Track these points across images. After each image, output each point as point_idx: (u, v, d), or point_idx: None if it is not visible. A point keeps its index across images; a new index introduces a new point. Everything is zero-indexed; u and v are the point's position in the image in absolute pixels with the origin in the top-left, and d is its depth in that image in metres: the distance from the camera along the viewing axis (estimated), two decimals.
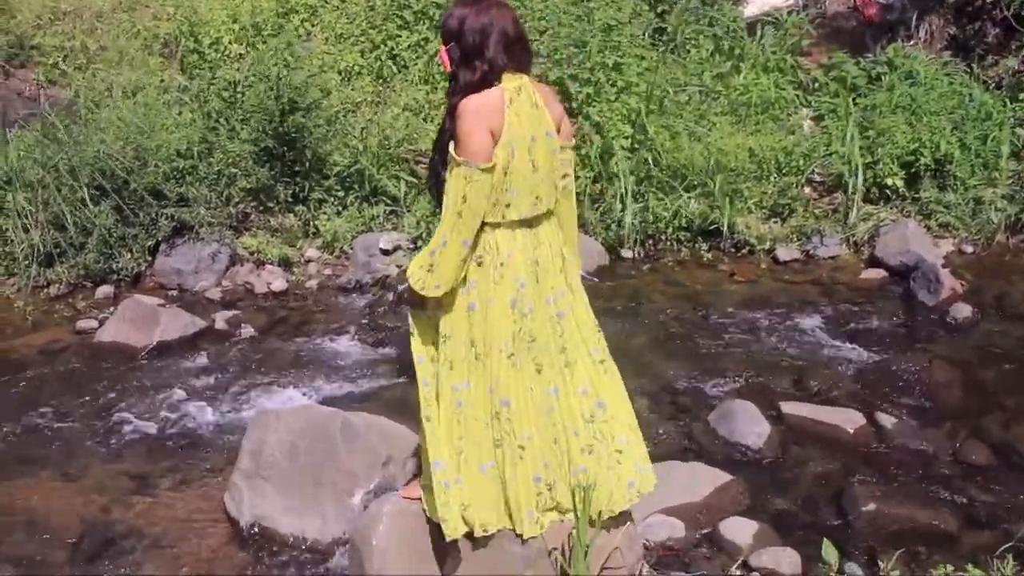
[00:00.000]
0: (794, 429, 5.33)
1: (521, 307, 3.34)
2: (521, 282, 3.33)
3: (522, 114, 3.21)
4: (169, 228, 7.58)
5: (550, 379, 3.44)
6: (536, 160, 3.26)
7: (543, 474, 3.48)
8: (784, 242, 7.87)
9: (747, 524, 4.42)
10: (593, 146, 7.98)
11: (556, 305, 3.44)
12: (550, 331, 3.43)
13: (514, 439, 3.40)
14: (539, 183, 3.29)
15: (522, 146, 3.21)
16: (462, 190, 3.13)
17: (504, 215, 3.27)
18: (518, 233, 3.32)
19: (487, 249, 3.31)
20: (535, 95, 3.28)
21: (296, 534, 4.42)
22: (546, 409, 3.45)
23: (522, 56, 3.26)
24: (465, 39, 3.18)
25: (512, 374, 3.36)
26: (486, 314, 3.32)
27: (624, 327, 6.68)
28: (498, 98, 3.17)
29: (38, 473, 5.08)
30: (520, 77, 3.25)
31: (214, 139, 7.85)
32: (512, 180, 3.22)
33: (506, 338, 3.33)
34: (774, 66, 9.14)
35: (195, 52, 9.17)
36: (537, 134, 3.25)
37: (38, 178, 7.39)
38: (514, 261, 3.32)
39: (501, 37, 3.17)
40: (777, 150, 8.16)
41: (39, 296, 7.30)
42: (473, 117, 3.13)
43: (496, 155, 3.15)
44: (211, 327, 6.82)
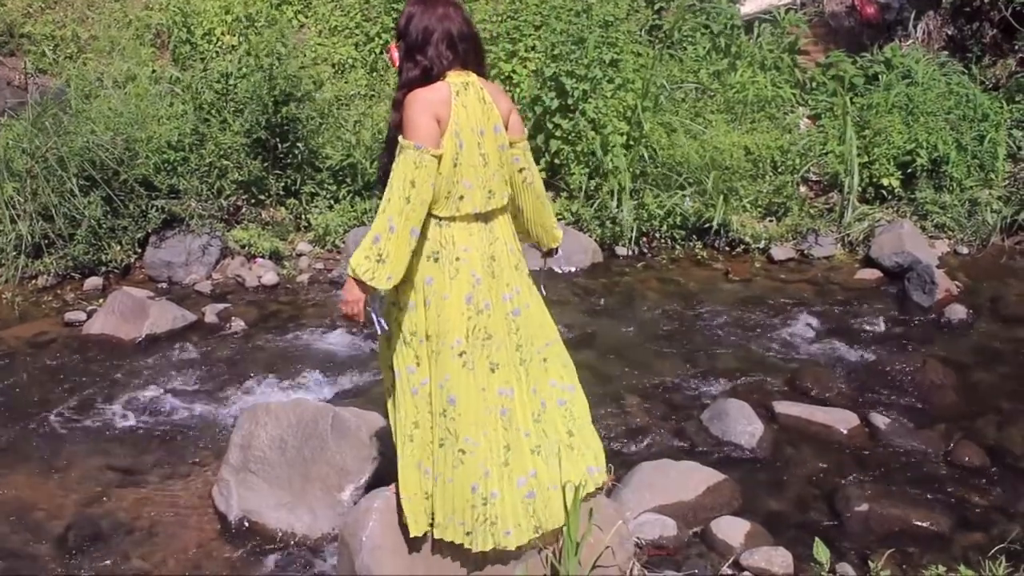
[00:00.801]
0: (787, 429, 5.31)
1: (477, 303, 3.35)
2: (477, 277, 3.34)
3: (469, 107, 3.26)
4: (159, 220, 7.54)
5: (505, 378, 3.45)
6: (487, 154, 3.30)
7: (481, 484, 3.44)
8: (779, 241, 7.88)
9: (739, 523, 4.39)
10: (589, 142, 7.94)
11: (512, 302, 3.47)
12: (506, 328, 3.45)
13: (456, 442, 3.40)
14: (491, 177, 3.34)
15: (470, 139, 3.25)
16: (411, 175, 3.14)
17: (459, 208, 3.30)
18: (474, 227, 3.35)
19: (443, 244, 3.32)
20: (483, 91, 3.33)
21: (285, 529, 4.38)
22: (499, 411, 3.44)
23: (469, 55, 3.33)
24: (410, 36, 3.28)
25: (461, 373, 3.37)
26: (440, 310, 3.32)
27: (617, 325, 6.66)
28: (445, 90, 3.23)
29: (24, 466, 5.03)
30: (468, 74, 3.32)
31: (206, 131, 7.80)
32: (463, 172, 3.26)
33: (459, 334, 3.34)
34: (771, 64, 9.14)
35: (187, 43, 9.13)
36: (486, 128, 3.30)
37: (27, 168, 7.32)
38: (470, 256, 3.33)
39: (444, 36, 3.25)
40: (773, 148, 8.15)
41: (27, 287, 7.24)
42: (421, 104, 3.18)
43: (444, 144, 3.20)
44: (201, 320, 6.77)
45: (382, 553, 3.71)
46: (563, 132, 8.07)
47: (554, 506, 3.60)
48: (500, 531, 3.48)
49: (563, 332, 6.40)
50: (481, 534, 3.47)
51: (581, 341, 6.41)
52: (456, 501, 3.45)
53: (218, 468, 4.70)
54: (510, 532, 3.50)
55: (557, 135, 8.09)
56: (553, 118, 8.07)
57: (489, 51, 9.05)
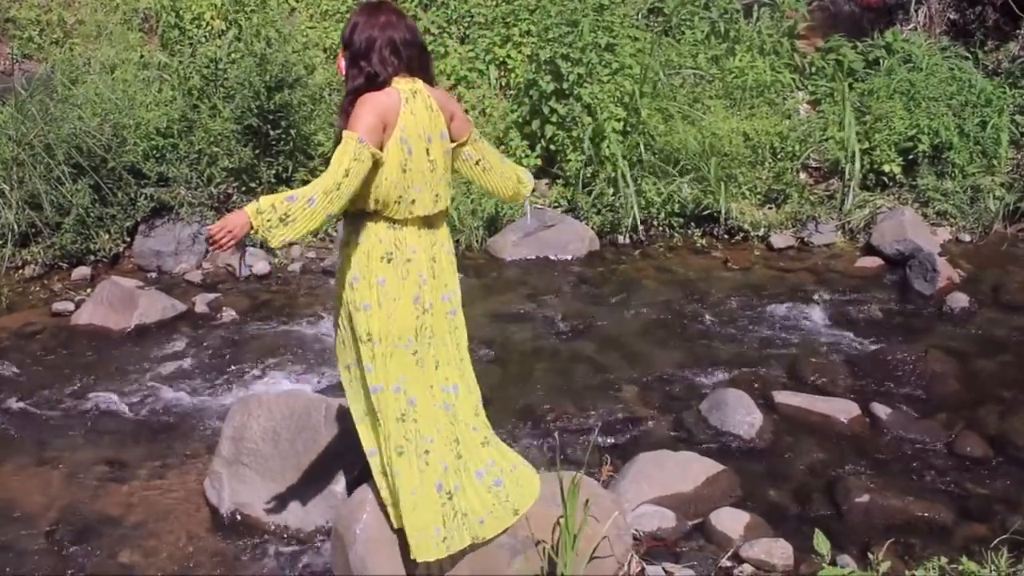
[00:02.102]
0: (787, 419, 5.26)
1: (423, 302, 3.45)
2: (423, 278, 3.45)
3: (417, 114, 3.33)
4: (148, 208, 7.45)
5: (447, 376, 3.56)
6: (435, 160, 3.40)
7: (443, 480, 3.49)
8: (779, 229, 7.83)
9: (738, 515, 4.35)
10: (583, 128, 7.86)
11: (451, 303, 3.59)
12: (446, 327, 3.57)
13: (420, 443, 3.46)
14: (437, 181, 3.43)
15: (419, 145, 3.34)
16: (347, 164, 3.17)
17: (411, 211, 3.38)
18: (421, 231, 3.45)
19: (397, 245, 3.40)
20: (429, 99, 3.40)
21: (278, 522, 4.34)
22: (443, 406, 3.54)
23: (414, 61, 3.39)
24: (354, 45, 3.34)
25: (417, 372, 3.46)
26: (391, 311, 3.39)
27: (615, 314, 6.61)
28: (395, 96, 3.30)
29: (13, 458, 4.97)
30: (414, 81, 3.39)
31: (195, 117, 7.70)
32: (413, 178, 3.34)
33: (409, 334, 3.43)
34: (770, 49, 9.06)
35: (176, 27, 9.03)
36: (433, 135, 3.39)
37: (13, 155, 7.22)
38: (418, 257, 3.44)
39: (388, 43, 3.31)
40: (772, 135, 8.09)
41: (13, 277, 7.16)
42: (371, 105, 3.25)
43: (388, 149, 3.27)
44: (191, 310, 6.70)
45: (376, 545, 3.67)
46: (559, 117, 7.97)
47: (525, 484, 3.69)
48: (474, 521, 3.53)
49: (560, 322, 6.44)
50: (457, 532, 3.50)
51: (577, 331, 6.37)
52: (425, 513, 3.46)
53: (210, 461, 4.65)
54: (484, 520, 3.55)
55: (553, 120, 8.00)
56: (549, 102, 7.97)
57: (484, 36, 8.98)
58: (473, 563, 3.62)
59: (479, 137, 3.70)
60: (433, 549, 3.46)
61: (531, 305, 6.73)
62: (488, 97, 8.68)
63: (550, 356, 6.02)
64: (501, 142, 8.36)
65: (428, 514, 3.46)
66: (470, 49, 9.04)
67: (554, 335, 6.34)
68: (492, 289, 6.98)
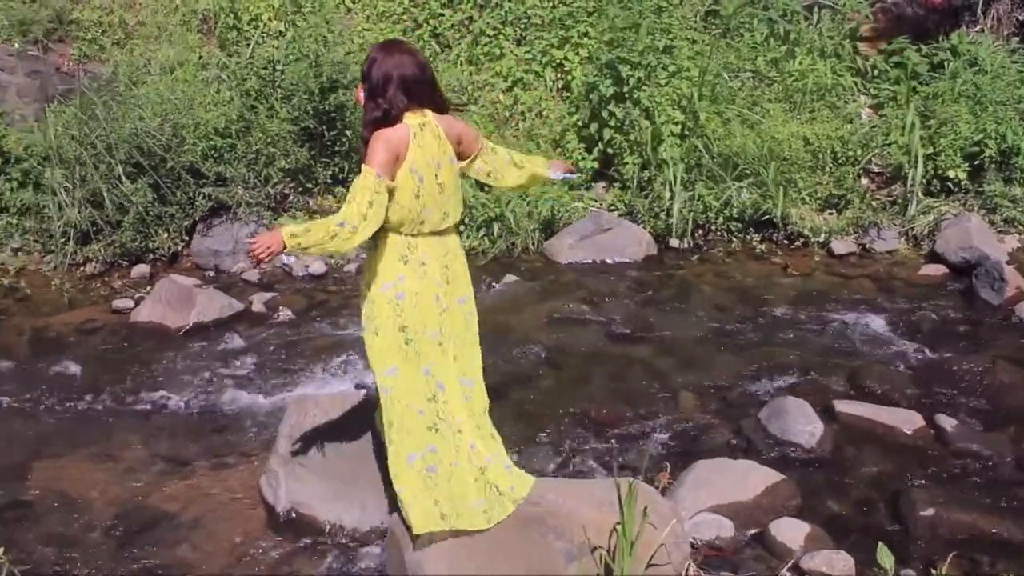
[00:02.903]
0: (848, 429, 5.16)
1: (442, 303, 3.81)
2: (439, 282, 3.81)
3: (425, 146, 3.71)
4: (206, 208, 7.52)
5: (464, 370, 3.91)
6: (444, 183, 3.77)
7: (474, 459, 3.82)
8: (839, 235, 7.71)
9: (798, 525, 4.27)
10: (641, 132, 7.79)
11: (466, 305, 3.96)
12: (463, 326, 3.92)
13: (452, 424, 3.80)
14: (446, 201, 3.81)
15: (429, 172, 3.71)
16: (371, 197, 3.56)
17: (419, 228, 3.77)
18: (432, 240, 3.82)
19: (410, 250, 3.77)
20: (437, 128, 3.78)
21: (333, 522, 4.34)
22: (463, 397, 3.88)
23: (423, 96, 3.75)
24: (372, 80, 3.71)
25: (443, 360, 3.81)
26: (416, 303, 3.75)
27: (672, 319, 6.54)
28: (405, 133, 3.67)
29: (74, 453, 5.03)
30: (424, 114, 3.75)
31: (252, 118, 7.75)
32: (425, 202, 3.72)
33: (435, 328, 3.78)
34: (831, 51, 8.92)
35: (234, 28, 9.08)
36: (442, 161, 3.77)
37: (76, 155, 7.33)
38: (432, 264, 3.81)
39: (400, 82, 3.68)
40: (833, 139, 7.97)
41: (75, 274, 7.26)
42: (384, 142, 3.63)
43: (399, 178, 3.65)
44: (248, 309, 6.73)
45: (432, 548, 3.68)
46: (616, 121, 7.91)
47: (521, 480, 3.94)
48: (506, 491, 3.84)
49: (616, 326, 6.38)
50: (498, 505, 3.79)
51: (634, 335, 6.31)
52: (467, 483, 3.76)
53: (266, 459, 4.67)
54: (514, 488, 3.86)
55: (611, 124, 7.94)
56: (607, 106, 7.91)
57: (541, 37, 8.95)
58: (530, 567, 3.61)
59: (490, 148, 4.12)
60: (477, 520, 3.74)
61: (587, 309, 6.68)
62: (544, 99, 8.65)
63: (606, 360, 5.97)
64: (557, 144, 8.32)
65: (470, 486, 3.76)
66: (527, 51, 9.01)
67: (611, 339, 6.29)
68: (548, 292, 6.94)
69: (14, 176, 7.47)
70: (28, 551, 4.19)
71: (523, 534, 3.69)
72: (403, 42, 3.94)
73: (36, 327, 6.52)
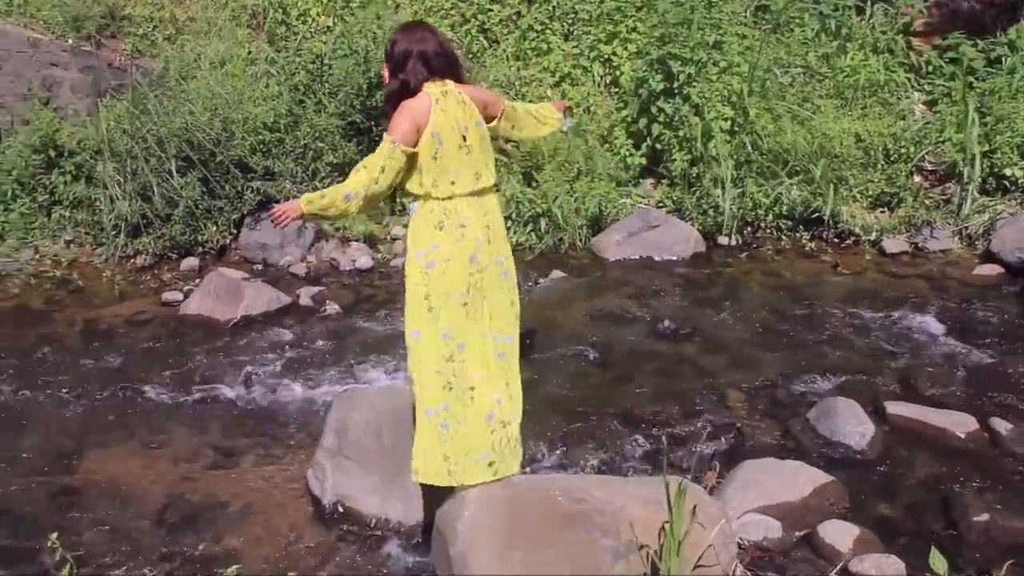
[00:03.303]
0: (900, 431, 5.06)
1: (480, 262, 3.99)
2: (480, 241, 4.00)
3: (448, 110, 3.95)
4: (255, 201, 7.57)
5: (502, 327, 4.07)
6: (471, 145, 3.99)
7: (496, 411, 3.98)
8: (891, 233, 7.60)
9: (848, 528, 4.19)
10: (690, 128, 7.73)
11: (502, 266, 4.11)
12: (499, 286, 4.08)
13: (464, 381, 3.96)
14: (475, 162, 4.02)
15: (452, 135, 3.93)
16: (383, 161, 3.86)
17: (453, 190, 3.96)
18: (471, 200, 4.01)
19: (447, 215, 3.96)
20: (461, 95, 4.03)
21: (379, 515, 4.35)
22: (498, 354, 4.04)
23: (443, 68, 4.02)
24: (394, 58, 4.02)
25: (466, 321, 3.97)
26: (444, 270, 3.94)
27: (720, 317, 6.48)
28: (426, 101, 3.93)
29: (124, 443, 5.08)
30: (444, 83, 4.02)
31: (301, 112, 7.80)
32: (447, 163, 3.93)
33: (461, 289, 3.96)
34: (884, 47, 8.79)
35: (283, 23, 9.14)
36: (469, 124, 4.00)
37: (127, 148, 7.42)
38: (472, 224, 3.99)
39: (420, 56, 3.97)
40: (885, 136, 7.86)
41: (126, 267, 7.37)
42: (405, 113, 3.90)
43: (421, 143, 3.89)
44: (296, 303, 6.78)
45: (478, 543, 3.66)
46: (665, 117, 7.85)
47: None
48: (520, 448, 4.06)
49: (664, 324, 6.33)
50: (508, 459, 3.98)
51: (682, 333, 6.26)
52: (473, 439, 3.92)
53: (313, 452, 4.69)
54: None
55: (660, 120, 7.89)
56: (656, 102, 7.86)
57: (588, 32, 8.91)
58: (575, 564, 3.58)
59: (510, 107, 4.42)
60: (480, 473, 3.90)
61: (634, 306, 6.63)
62: (592, 95, 8.61)
63: (654, 358, 5.92)
64: (605, 140, 8.28)
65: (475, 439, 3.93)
66: (574, 46, 8.98)
67: (658, 337, 6.24)
68: (595, 289, 6.90)
69: (67, 169, 7.59)
70: (79, 537, 4.25)
71: (568, 531, 3.66)
72: (423, 23, 4.23)
73: (87, 318, 6.61)
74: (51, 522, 4.32)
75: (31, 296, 6.96)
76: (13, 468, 4.82)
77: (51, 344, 6.22)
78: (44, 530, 4.14)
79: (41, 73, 8.24)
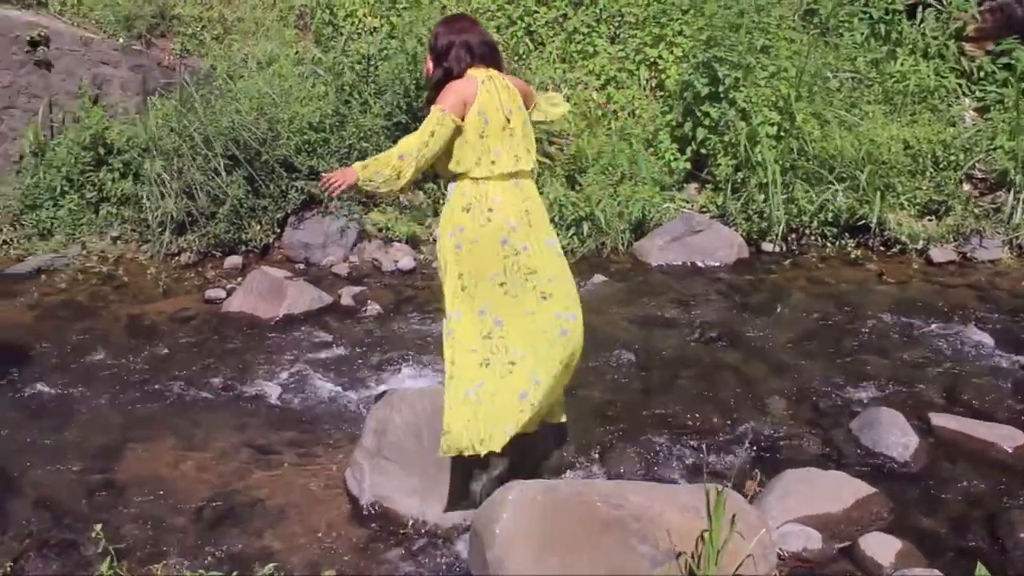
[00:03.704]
0: (945, 443, 4.98)
1: (514, 244, 4.10)
2: (512, 225, 4.10)
3: (493, 92, 4.12)
4: (299, 201, 7.62)
5: (566, 305, 4.16)
6: (514, 128, 4.15)
7: (531, 391, 4.04)
8: (939, 242, 7.51)
9: (890, 541, 4.12)
10: (736, 133, 7.67)
11: (554, 248, 4.23)
12: (551, 265, 4.17)
13: (504, 356, 4.07)
14: (516, 145, 4.16)
15: (496, 116, 4.10)
16: (432, 127, 4.00)
17: (491, 170, 4.11)
18: (507, 185, 4.14)
19: (476, 198, 4.10)
20: (504, 80, 4.22)
21: (417, 516, 4.34)
22: (559, 331, 4.11)
23: (486, 57, 4.20)
24: (437, 49, 4.22)
25: (504, 299, 4.09)
26: (471, 251, 4.07)
27: (763, 324, 6.43)
28: (472, 82, 4.11)
29: (165, 438, 5.12)
30: (488, 70, 4.18)
31: (346, 112, 7.83)
32: (491, 142, 4.09)
33: (495, 270, 4.08)
34: (935, 52, 8.68)
35: (330, 24, 9.20)
36: (512, 108, 4.17)
37: (174, 147, 7.50)
38: (503, 207, 4.10)
39: (462, 44, 4.16)
40: (935, 142, 7.76)
41: (170, 264, 7.44)
42: (452, 89, 4.09)
43: (467, 120, 4.06)
44: (337, 302, 6.80)
45: (515, 546, 3.64)
46: (711, 121, 7.80)
47: None
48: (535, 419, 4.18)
49: (706, 330, 6.28)
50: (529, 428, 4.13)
51: (724, 339, 6.22)
52: (503, 412, 4.00)
53: (352, 451, 4.70)
54: None
55: (705, 124, 7.84)
56: (702, 106, 7.81)
57: (634, 36, 8.87)
58: (612, 570, 3.57)
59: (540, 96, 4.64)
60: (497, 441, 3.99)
61: (677, 311, 6.60)
62: (638, 98, 8.57)
63: (695, 364, 5.88)
64: (650, 144, 8.24)
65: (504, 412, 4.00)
66: (620, 49, 8.95)
67: (700, 343, 6.20)
68: (637, 294, 6.87)
69: (116, 167, 7.69)
70: (121, 530, 4.29)
71: (606, 536, 3.64)
72: (465, 15, 4.47)
73: (132, 314, 6.68)
74: (94, 515, 4.38)
75: (78, 291, 7.05)
76: (58, 461, 4.88)
77: (96, 339, 6.29)
78: (87, 522, 4.23)
79: (92, 71, 8.36)
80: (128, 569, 3.93)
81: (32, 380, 5.71)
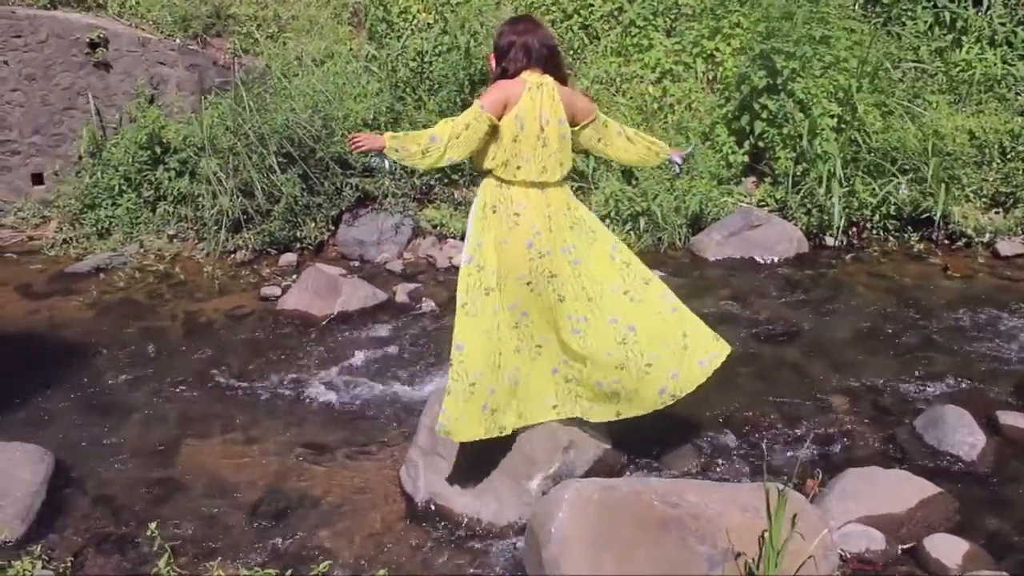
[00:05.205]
0: (1013, 442, 4.88)
1: (539, 248, 4.24)
2: (536, 230, 4.24)
3: (536, 100, 4.19)
4: (353, 198, 7.65)
5: (576, 308, 4.32)
6: (548, 138, 4.22)
7: (560, 368, 4.39)
8: (1006, 235, 7.39)
9: (956, 542, 4.04)
10: (796, 125, 7.54)
11: (572, 254, 4.33)
12: (569, 272, 4.33)
13: (532, 341, 4.37)
14: (547, 157, 4.24)
15: (532, 124, 4.18)
16: (469, 119, 4.13)
17: (515, 174, 4.23)
18: (531, 191, 4.25)
19: (501, 200, 4.25)
20: (553, 91, 4.24)
21: (471, 515, 4.33)
22: (572, 331, 4.31)
23: (543, 59, 4.24)
24: (499, 48, 4.30)
25: (530, 295, 4.30)
26: (501, 251, 4.24)
27: (823, 320, 6.33)
28: (520, 84, 4.20)
29: (220, 435, 5.17)
30: (544, 77, 4.24)
31: (401, 109, 7.83)
32: (521, 148, 4.19)
33: (523, 270, 4.26)
34: (1002, 40, 8.47)
35: (384, 21, 9.21)
36: (551, 119, 4.22)
37: (229, 145, 7.56)
38: (527, 212, 4.24)
39: (522, 46, 4.21)
40: (1002, 133, 7.60)
41: (226, 261, 7.51)
42: (498, 88, 4.21)
43: (504, 122, 4.15)
44: (392, 299, 6.81)
45: (570, 545, 3.63)
46: (769, 113, 7.68)
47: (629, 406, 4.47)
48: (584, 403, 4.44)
49: (765, 326, 6.19)
50: (569, 404, 4.43)
51: (783, 336, 6.14)
52: (539, 387, 4.37)
53: (406, 449, 4.70)
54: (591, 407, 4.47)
55: (763, 117, 7.72)
56: (760, 98, 7.69)
57: (691, 28, 8.77)
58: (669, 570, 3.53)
59: (602, 121, 4.52)
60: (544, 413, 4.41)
61: (735, 307, 6.52)
62: (695, 91, 8.47)
63: (754, 361, 5.80)
64: (707, 137, 8.15)
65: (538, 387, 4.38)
66: (676, 42, 8.85)
67: (758, 339, 6.11)
68: (694, 289, 6.79)
69: (172, 166, 7.78)
70: (176, 527, 4.32)
71: (663, 535, 3.60)
72: (530, 16, 4.52)
73: (188, 311, 6.75)
74: (151, 511, 4.43)
75: (135, 289, 7.14)
76: (115, 457, 4.94)
77: (153, 337, 6.36)
78: (143, 519, 4.28)
79: (149, 71, 8.46)
80: (184, 566, 3.96)
81: (91, 378, 5.79)
